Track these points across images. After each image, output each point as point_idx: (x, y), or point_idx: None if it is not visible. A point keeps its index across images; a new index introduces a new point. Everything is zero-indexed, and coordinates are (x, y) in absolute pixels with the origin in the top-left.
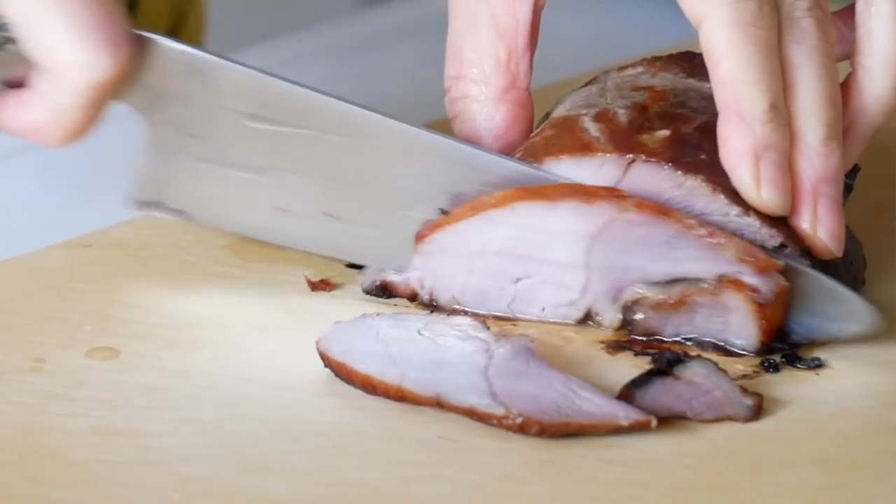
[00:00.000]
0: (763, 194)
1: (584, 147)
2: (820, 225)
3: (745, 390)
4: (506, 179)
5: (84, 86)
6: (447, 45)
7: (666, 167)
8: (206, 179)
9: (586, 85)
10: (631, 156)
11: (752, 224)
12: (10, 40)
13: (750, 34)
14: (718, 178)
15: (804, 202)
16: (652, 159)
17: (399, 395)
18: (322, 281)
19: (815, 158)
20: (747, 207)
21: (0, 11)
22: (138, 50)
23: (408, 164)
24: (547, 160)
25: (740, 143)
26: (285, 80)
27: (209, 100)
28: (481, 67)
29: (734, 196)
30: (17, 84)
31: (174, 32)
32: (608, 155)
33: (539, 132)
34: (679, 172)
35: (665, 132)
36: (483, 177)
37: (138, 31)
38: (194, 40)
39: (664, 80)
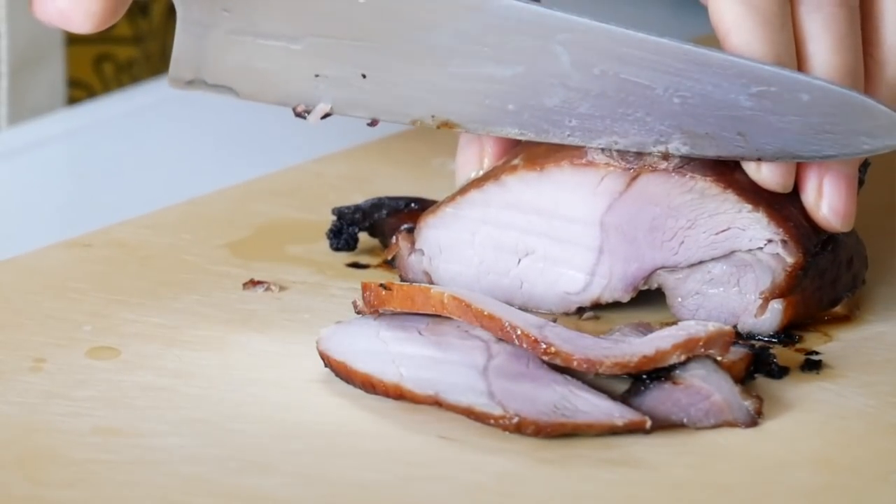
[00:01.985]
0: (763, 172)
1: (587, 163)
2: (823, 200)
3: (744, 392)
4: (538, 27)
5: None
6: None
7: (674, 176)
8: (242, 53)
9: None
10: (635, 169)
11: (761, 219)
12: None
13: (755, 6)
14: (726, 177)
15: (809, 177)
16: (659, 167)
17: (398, 394)
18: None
19: None
20: (757, 204)
21: None
22: None
23: (438, 19)
24: (548, 167)
25: None
26: None
27: None
28: None
29: (745, 193)
30: None
31: None
32: (611, 169)
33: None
34: (688, 176)
35: None
36: (517, 26)
37: None
38: None
39: None
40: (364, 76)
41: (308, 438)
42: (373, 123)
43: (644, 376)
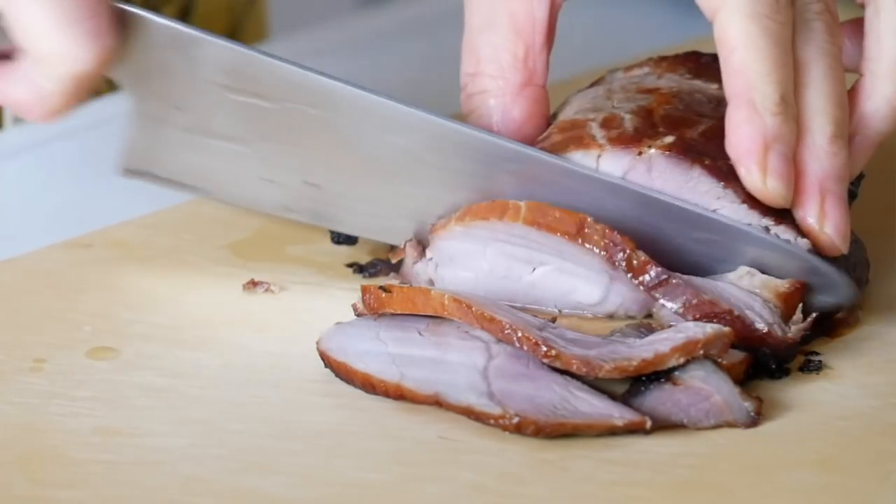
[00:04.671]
0: (769, 184)
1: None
2: (827, 221)
3: (744, 393)
4: (483, 154)
5: (65, 75)
6: (463, 41)
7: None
8: (192, 149)
9: (592, 85)
10: (637, 150)
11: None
12: None
13: (765, 26)
14: (723, 177)
15: (811, 198)
16: (666, 152)
17: (398, 394)
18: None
19: (823, 156)
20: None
21: None
22: (121, 24)
23: (387, 138)
24: (557, 155)
25: (750, 131)
26: (265, 53)
27: (192, 73)
28: (498, 63)
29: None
30: (5, 55)
31: (232, 36)
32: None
33: (546, 136)
34: (687, 164)
35: (670, 138)
36: (465, 152)
37: (120, 5)
38: (257, 41)
39: (670, 81)
40: (310, 184)
41: (308, 438)
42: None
43: (644, 377)
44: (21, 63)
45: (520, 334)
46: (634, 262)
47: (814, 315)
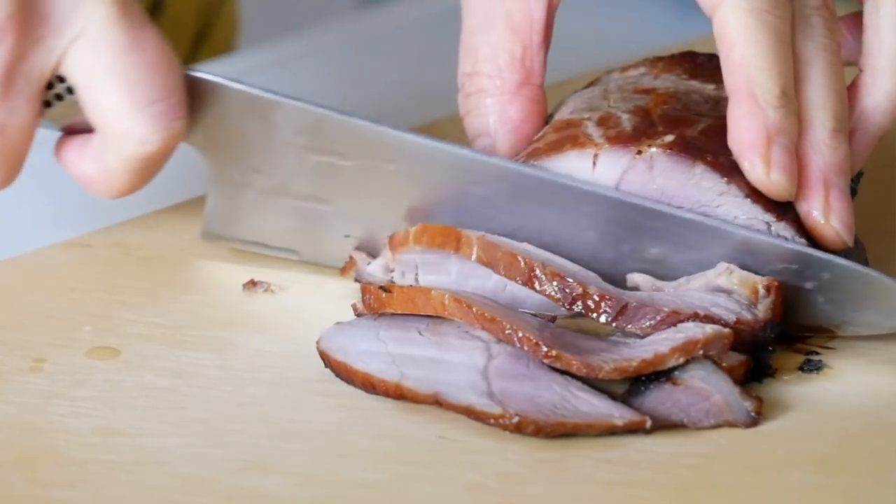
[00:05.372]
0: (773, 177)
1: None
2: (832, 214)
3: (744, 393)
4: (571, 201)
5: (134, 156)
6: (461, 42)
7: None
8: (273, 211)
9: (588, 86)
10: (636, 149)
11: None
12: (71, 90)
13: (765, 20)
14: (726, 172)
15: (815, 192)
16: (667, 151)
17: (398, 394)
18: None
19: (825, 149)
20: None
21: (63, 73)
22: (196, 93)
23: (466, 187)
24: (551, 154)
25: (753, 125)
26: (341, 112)
27: (268, 135)
28: (496, 63)
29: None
30: (81, 129)
31: (203, 35)
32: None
33: (541, 136)
34: (689, 161)
35: (670, 136)
36: (547, 199)
37: (195, 74)
38: (226, 43)
39: (666, 81)
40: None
41: (308, 438)
42: None
43: (644, 377)
44: (93, 138)
45: (520, 334)
46: (590, 302)
47: (776, 285)
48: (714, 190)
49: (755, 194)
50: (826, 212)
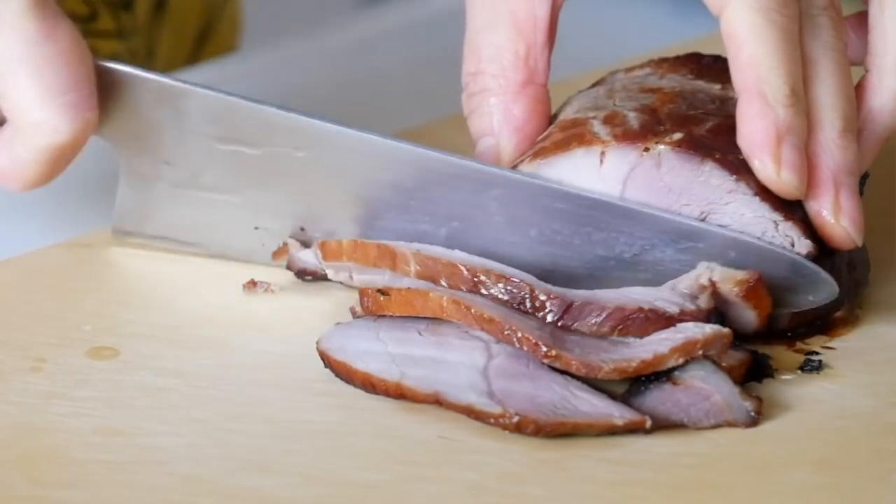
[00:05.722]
0: (783, 175)
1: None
2: (842, 213)
3: (744, 393)
4: (480, 184)
5: (45, 147)
6: (465, 41)
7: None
8: (183, 205)
9: (593, 86)
10: (644, 147)
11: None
12: None
13: (773, 19)
14: (735, 170)
15: (825, 191)
16: (676, 148)
17: (398, 393)
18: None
19: (834, 149)
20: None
21: None
22: (107, 85)
23: (375, 174)
24: (558, 152)
25: (763, 123)
26: (250, 100)
27: (178, 125)
28: (500, 62)
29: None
30: None
31: (205, 35)
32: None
33: (547, 135)
34: (698, 158)
35: (679, 134)
36: (457, 183)
37: (106, 64)
38: (228, 42)
39: (672, 81)
40: (302, 229)
41: (308, 438)
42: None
43: (644, 377)
44: (4, 129)
45: (520, 335)
46: (537, 302)
47: (712, 275)
48: (723, 188)
49: (764, 193)
50: (836, 211)
